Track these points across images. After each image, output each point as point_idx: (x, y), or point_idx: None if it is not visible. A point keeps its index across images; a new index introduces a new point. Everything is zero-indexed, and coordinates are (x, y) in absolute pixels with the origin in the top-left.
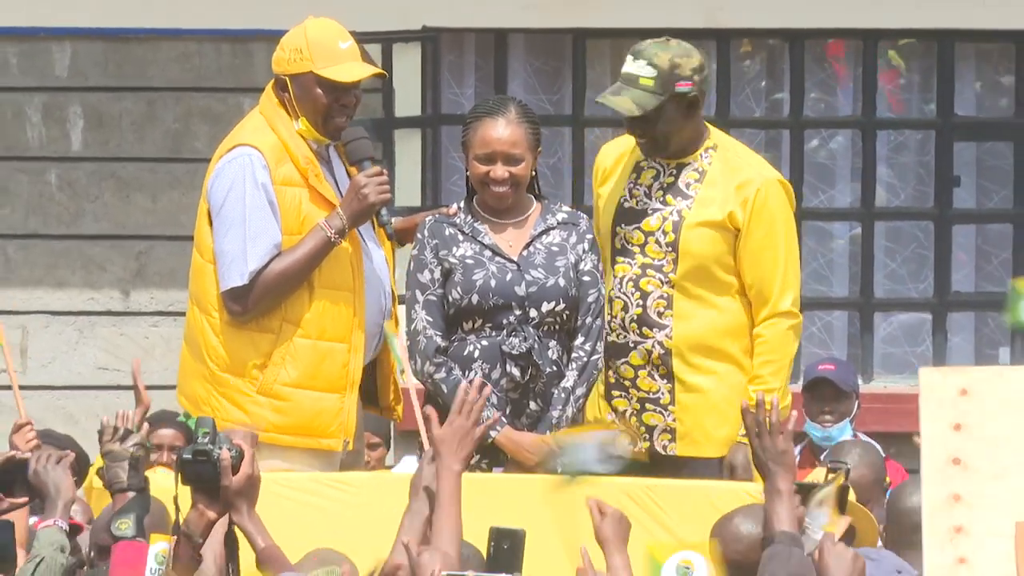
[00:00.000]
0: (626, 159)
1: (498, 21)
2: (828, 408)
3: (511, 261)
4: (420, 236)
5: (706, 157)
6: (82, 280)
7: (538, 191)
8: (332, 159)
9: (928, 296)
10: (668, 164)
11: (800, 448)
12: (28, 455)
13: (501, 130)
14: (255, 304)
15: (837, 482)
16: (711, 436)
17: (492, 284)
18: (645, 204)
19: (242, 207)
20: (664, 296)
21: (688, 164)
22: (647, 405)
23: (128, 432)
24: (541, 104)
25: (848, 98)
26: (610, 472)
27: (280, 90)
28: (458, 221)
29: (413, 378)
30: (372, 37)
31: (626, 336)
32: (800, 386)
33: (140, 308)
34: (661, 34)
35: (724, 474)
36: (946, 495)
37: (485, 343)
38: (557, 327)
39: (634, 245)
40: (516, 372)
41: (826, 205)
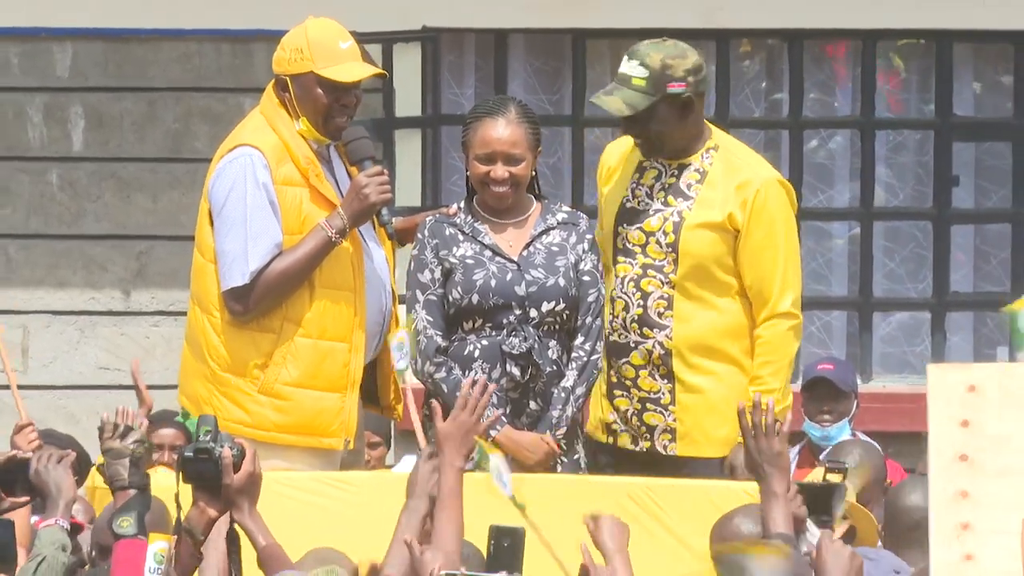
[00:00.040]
0: (630, 158)
1: (498, 21)
2: (827, 408)
3: (511, 261)
4: (420, 236)
5: (707, 158)
6: (83, 280)
7: (538, 191)
8: (333, 159)
9: (927, 296)
10: (670, 164)
11: (799, 448)
12: (29, 454)
13: (501, 130)
14: (256, 304)
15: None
16: (711, 436)
17: (492, 284)
18: (647, 204)
19: (243, 207)
20: (664, 297)
21: (689, 165)
22: (648, 405)
23: (128, 429)
24: (541, 104)
25: (847, 98)
26: None
27: (281, 90)
28: (458, 221)
29: (413, 378)
30: (372, 37)
31: (627, 336)
32: (799, 386)
33: (141, 308)
34: (661, 34)
35: (724, 474)
36: (953, 492)
37: (485, 343)
38: (557, 327)
39: (635, 245)
40: (516, 372)
41: (825, 205)
